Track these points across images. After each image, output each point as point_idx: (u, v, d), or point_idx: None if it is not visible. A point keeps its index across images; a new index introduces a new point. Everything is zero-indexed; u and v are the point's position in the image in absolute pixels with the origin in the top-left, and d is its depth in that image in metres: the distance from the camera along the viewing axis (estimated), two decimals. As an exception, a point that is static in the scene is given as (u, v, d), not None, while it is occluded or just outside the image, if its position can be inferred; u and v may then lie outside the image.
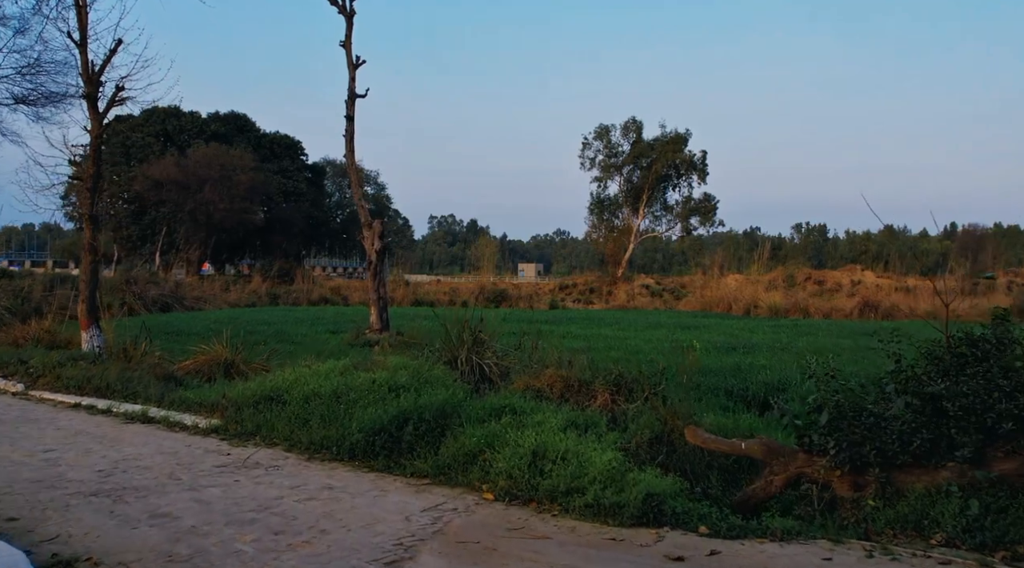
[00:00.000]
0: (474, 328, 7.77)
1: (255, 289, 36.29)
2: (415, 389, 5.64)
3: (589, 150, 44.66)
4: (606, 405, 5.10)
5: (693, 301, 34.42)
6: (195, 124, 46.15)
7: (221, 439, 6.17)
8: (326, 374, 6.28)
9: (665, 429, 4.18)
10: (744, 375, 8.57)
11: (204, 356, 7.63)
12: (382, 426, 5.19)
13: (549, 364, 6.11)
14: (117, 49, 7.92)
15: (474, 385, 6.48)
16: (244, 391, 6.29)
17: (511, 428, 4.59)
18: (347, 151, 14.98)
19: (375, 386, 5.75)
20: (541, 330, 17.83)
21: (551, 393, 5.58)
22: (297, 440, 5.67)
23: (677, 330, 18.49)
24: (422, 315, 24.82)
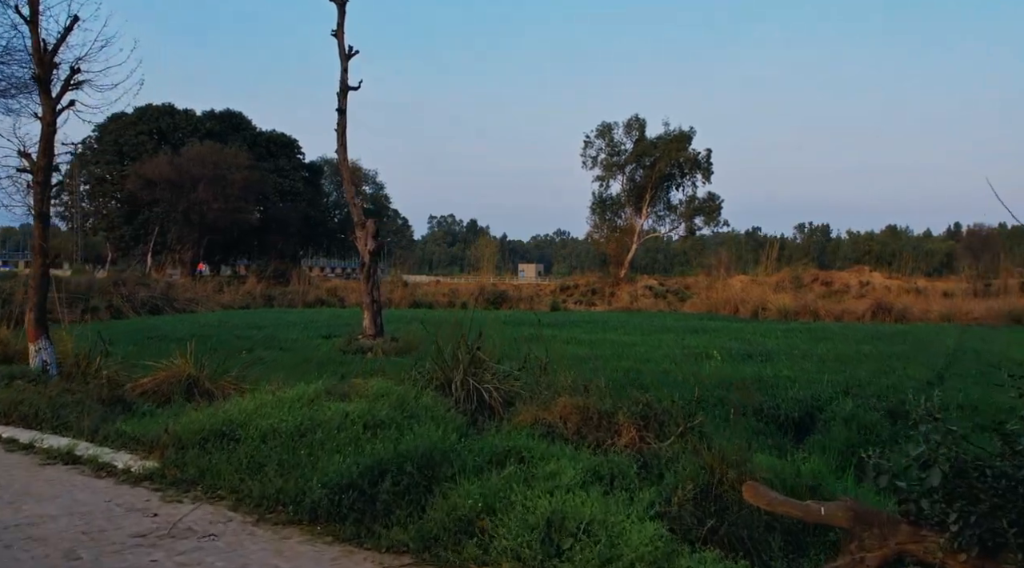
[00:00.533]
0: (471, 345, 7.02)
1: (250, 290, 35.50)
2: (397, 426, 4.68)
3: (591, 149, 43.91)
4: (632, 443, 4.24)
5: (698, 303, 33.62)
6: (189, 122, 45.37)
7: (153, 489, 5.04)
8: (291, 403, 5.18)
9: (712, 480, 3.38)
10: (771, 390, 7.77)
11: (164, 372, 6.70)
12: (351, 481, 4.09)
13: (561, 390, 5.17)
14: (72, 27, 7.14)
15: (471, 415, 5.58)
16: (191, 424, 5.12)
17: (517, 483, 3.62)
18: (339, 146, 14.19)
19: (348, 422, 4.72)
20: (544, 335, 17.08)
21: (565, 428, 4.64)
22: (247, 493, 4.57)
23: (686, 334, 17.70)
24: (419, 318, 24.04)
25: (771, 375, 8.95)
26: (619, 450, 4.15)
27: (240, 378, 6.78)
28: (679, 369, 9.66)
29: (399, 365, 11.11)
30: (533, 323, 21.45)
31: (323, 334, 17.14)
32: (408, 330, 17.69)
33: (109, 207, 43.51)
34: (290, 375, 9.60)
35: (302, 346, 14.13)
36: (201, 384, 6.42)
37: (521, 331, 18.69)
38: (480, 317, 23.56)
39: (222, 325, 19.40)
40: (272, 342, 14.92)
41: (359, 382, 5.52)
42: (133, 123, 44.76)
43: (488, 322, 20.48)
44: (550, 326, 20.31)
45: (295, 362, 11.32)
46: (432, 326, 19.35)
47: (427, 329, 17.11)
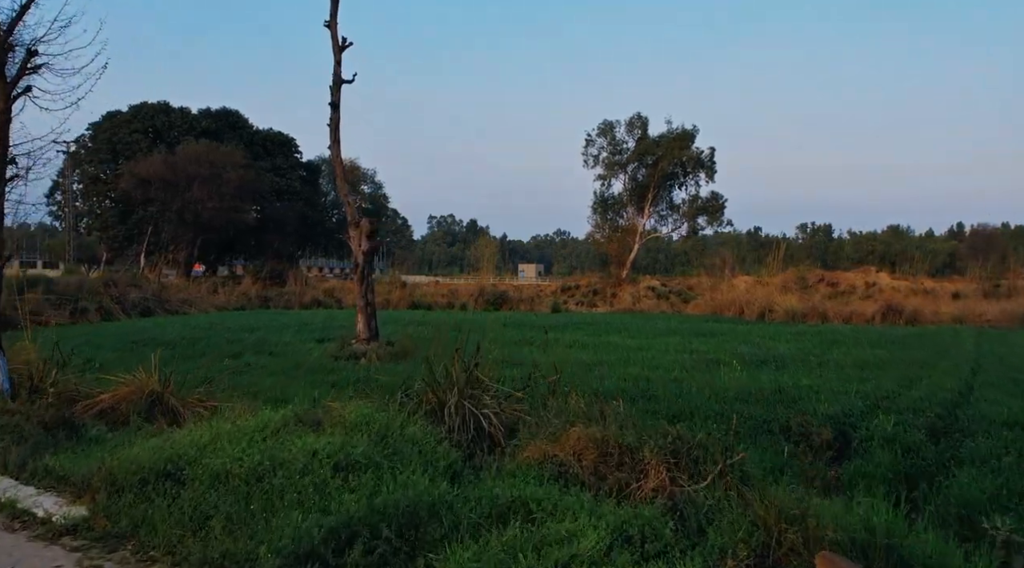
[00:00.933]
0: (468, 363, 6.03)
1: (245, 291, 34.89)
2: (375, 468, 3.82)
3: (592, 147, 43.27)
4: (663, 487, 3.61)
5: (702, 304, 33.03)
6: (185, 121, 44.75)
7: (73, 548, 4.03)
8: (252, 435, 4.35)
9: (769, 540, 2.78)
10: (794, 402, 7.17)
11: (125, 388, 6.01)
12: (312, 547, 3.24)
13: (573, 416, 4.47)
14: (30, 5, 6.55)
15: (467, 446, 4.82)
16: (131, 460, 4.18)
17: (524, 551, 2.85)
18: (332, 142, 13.60)
19: (315, 462, 3.85)
20: (546, 339, 16.48)
21: (580, 467, 3.91)
22: (185, 555, 3.67)
23: (692, 338, 17.10)
24: (417, 320, 23.44)
25: (791, 385, 8.35)
26: (647, 497, 3.50)
27: (210, 394, 6.11)
28: (691, 378, 9.07)
29: (392, 372, 10.53)
30: (534, 325, 20.87)
31: (316, 337, 16.56)
32: (405, 333, 17.12)
33: (103, 206, 42.89)
34: (277, 383, 9.02)
35: (293, 351, 13.53)
36: (165, 401, 5.72)
37: (522, 334, 18.13)
38: (480, 319, 23.01)
39: (213, 328, 18.80)
40: (263, 346, 14.33)
41: (335, 406, 4.86)
42: (127, 121, 44.16)
43: (488, 324, 19.91)
44: (552, 329, 19.73)
45: (284, 368, 10.74)
46: (430, 328, 18.78)
47: (430, 324, 16.54)
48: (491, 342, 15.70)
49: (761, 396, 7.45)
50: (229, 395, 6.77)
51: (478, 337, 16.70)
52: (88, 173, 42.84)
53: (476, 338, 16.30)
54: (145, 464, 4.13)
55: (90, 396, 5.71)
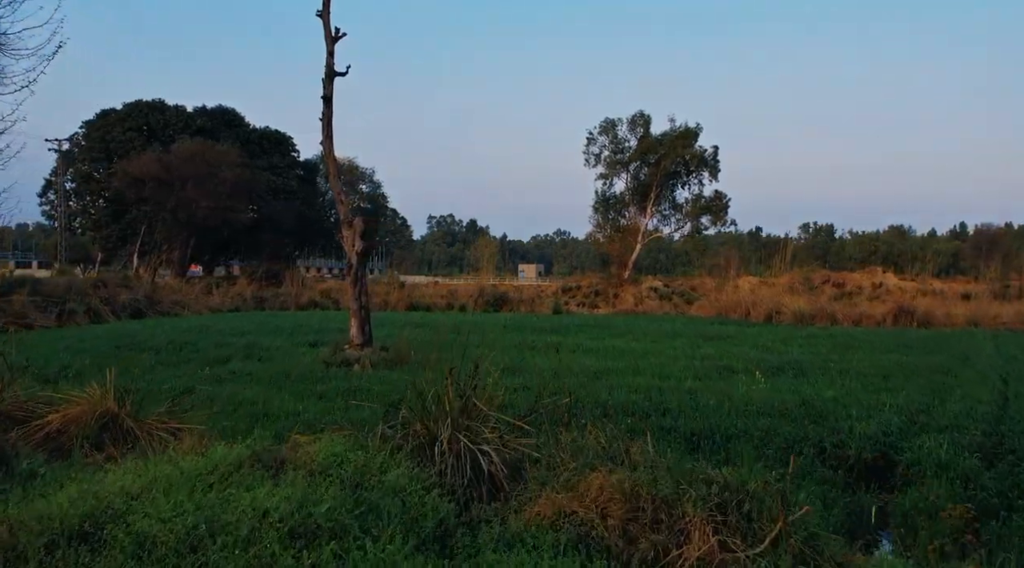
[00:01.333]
0: (464, 387, 5.11)
1: (240, 292, 34.29)
2: (341, 534, 3.00)
3: (594, 145, 42.64)
4: (711, 555, 2.92)
5: (707, 306, 32.42)
6: (180, 119, 44.13)
7: None
8: (196, 482, 3.51)
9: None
10: (822, 417, 6.57)
11: (76, 407, 5.32)
12: None
13: (594, 459, 3.69)
14: (-22, -21, 6.05)
15: (463, 493, 4.02)
16: (39, 517, 3.18)
17: None
18: (324, 137, 13.01)
19: (266, 526, 3.01)
20: (548, 343, 15.88)
21: (605, 528, 3.19)
22: None
23: (700, 341, 16.51)
24: (415, 322, 22.84)
25: (814, 396, 7.75)
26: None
27: (175, 413, 5.44)
28: (706, 388, 8.48)
29: (386, 381, 9.93)
30: (536, 328, 20.28)
31: (310, 341, 15.98)
32: (402, 336, 16.53)
33: (96, 206, 42.29)
34: (260, 394, 8.43)
35: (284, 356, 12.94)
36: (121, 423, 5.06)
37: (523, 337, 17.54)
38: (479, 321, 22.38)
39: (204, 331, 18.21)
40: (252, 351, 13.74)
41: (304, 441, 4.18)
42: (121, 119, 43.55)
43: (488, 327, 19.29)
44: (554, 332, 19.15)
45: (271, 376, 10.15)
46: (427, 331, 18.15)
47: (428, 326, 15.94)
48: (491, 346, 15.11)
49: (785, 410, 6.85)
50: (205, 410, 6.17)
51: (477, 340, 16.03)
52: (81, 172, 42.23)
53: (475, 341, 15.64)
54: (57, 520, 3.17)
55: (41, 416, 5.07)
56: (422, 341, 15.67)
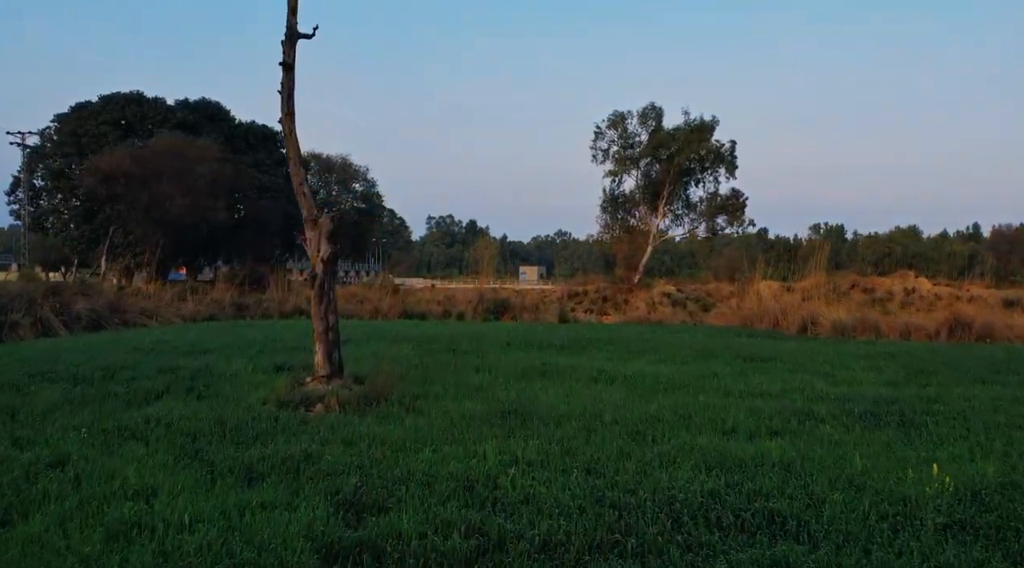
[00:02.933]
0: None
1: (218, 299, 31.81)
2: None
3: (602, 140, 40.14)
4: None
5: (728, 314, 29.93)
6: (159, 112, 41.68)
7: None
8: None
9: None
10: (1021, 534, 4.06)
11: None
12: None
13: None
14: None
15: None
16: None
17: None
18: (284, 113, 10.50)
19: None
20: (560, 366, 13.40)
21: None
22: None
23: (740, 363, 14.03)
24: (406, 335, 20.34)
25: (975, 480, 5.24)
26: None
27: None
28: (805, 456, 5.97)
29: (354, 437, 7.41)
30: (543, 344, 17.77)
31: (278, 363, 13.49)
32: (385, 356, 14.05)
33: (69, 205, 39.84)
34: (149, 469, 5.93)
35: (233, 389, 10.43)
36: None
37: (530, 358, 15.05)
38: (478, 333, 19.63)
39: (156, 349, 15.70)
40: (198, 380, 11.26)
41: None
42: (96, 113, 41.13)
43: (488, 342, 16.63)
44: (565, 349, 16.65)
45: (195, 428, 7.65)
46: (418, 349, 15.60)
47: (420, 342, 13.45)
48: (492, 371, 12.56)
49: (968, 522, 4.32)
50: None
51: (475, 363, 13.31)
52: (52, 168, 39.78)
53: (473, 364, 12.92)
54: None
55: None
56: (410, 365, 13.20)
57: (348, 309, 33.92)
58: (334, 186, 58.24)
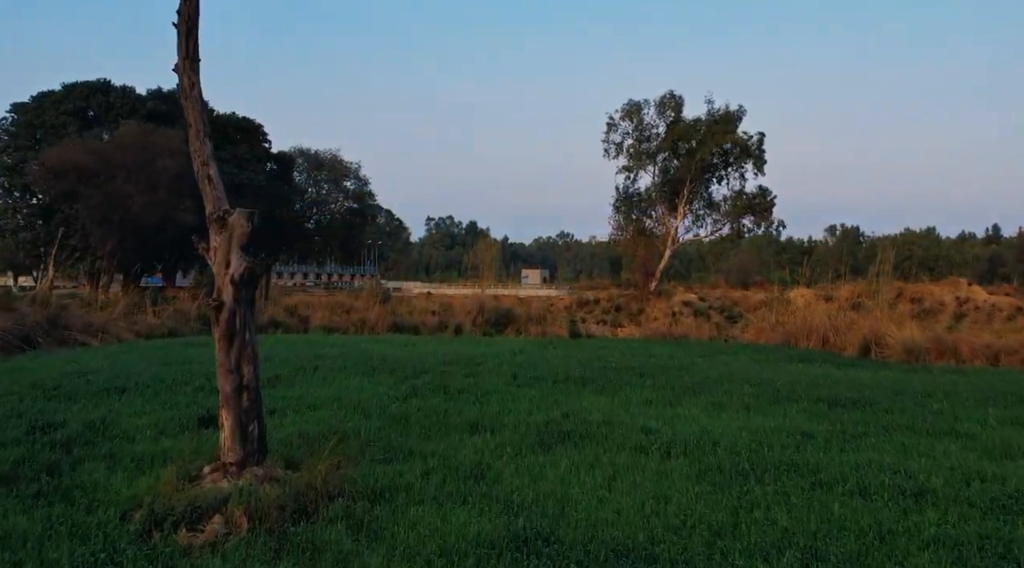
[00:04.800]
0: None
1: (183, 310, 28.45)
2: None
3: (615, 133, 36.66)
4: None
5: (766, 329, 26.48)
6: (127, 102, 38.37)
7: None
8: None
9: None
10: None
11: None
12: None
13: None
14: None
15: None
16: None
17: None
18: (181, 58, 7.07)
19: None
20: (590, 421, 10.03)
21: None
22: None
23: (827, 411, 10.73)
24: (390, 360, 16.89)
25: None
26: None
27: None
28: None
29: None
30: (557, 375, 14.38)
31: (210, 409, 10.14)
32: (347, 405, 10.76)
33: (25, 202, 36.51)
34: None
35: (109, 471, 7.10)
36: None
37: (545, 400, 11.65)
38: (478, 357, 16.03)
39: (63, 386, 12.32)
40: (76, 447, 8.05)
41: None
42: (57, 102, 37.86)
43: (490, 373, 13.10)
44: (587, 385, 13.26)
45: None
46: (397, 387, 12.24)
47: (382, 404, 10.21)
48: (497, 433, 9.21)
49: None
50: None
51: (474, 413, 9.98)
52: (5, 164, 36.47)
53: (471, 415, 9.57)
54: None
55: None
56: (382, 417, 9.83)
57: (332, 322, 30.60)
58: (323, 184, 54.88)
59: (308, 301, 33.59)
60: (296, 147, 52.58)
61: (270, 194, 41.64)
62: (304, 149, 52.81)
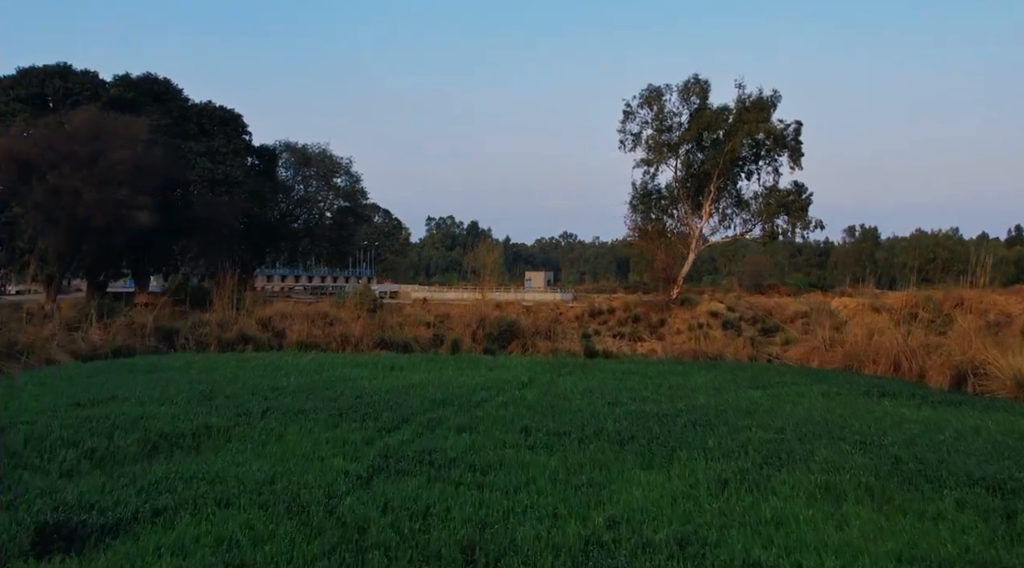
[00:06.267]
0: None
1: (141, 322, 24.93)
2: None
3: (632, 122, 33.09)
4: None
5: (818, 349, 22.81)
6: (87, 87, 34.86)
7: None
8: None
9: None
10: None
11: None
12: None
13: None
14: None
15: None
16: None
17: None
18: None
19: None
20: (641, 517, 6.61)
21: None
22: None
23: (998, 500, 7.24)
24: (361, 404, 13.37)
25: None
26: None
27: None
28: None
29: None
30: (584, 429, 10.87)
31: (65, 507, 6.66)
32: (275, 505, 7.27)
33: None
34: None
35: None
36: None
37: (569, 468, 8.14)
38: (477, 390, 12.59)
39: None
40: None
41: None
42: (8, 88, 34.35)
43: (492, 427, 9.67)
44: (626, 446, 9.77)
45: None
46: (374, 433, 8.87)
47: (330, 489, 6.49)
48: None
49: None
50: None
51: (472, 514, 6.06)
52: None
53: (466, 514, 5.29)
54: None
55: None
56: (318, 542, 6.29)
57: (310, 336, 26.98)
58: (314, 181, 51.27)
59: (287, 311, 30.01)
60: (281, 141, 49.09)
61: (249, 191, 38.15)
62: (290, 143, 49.23)
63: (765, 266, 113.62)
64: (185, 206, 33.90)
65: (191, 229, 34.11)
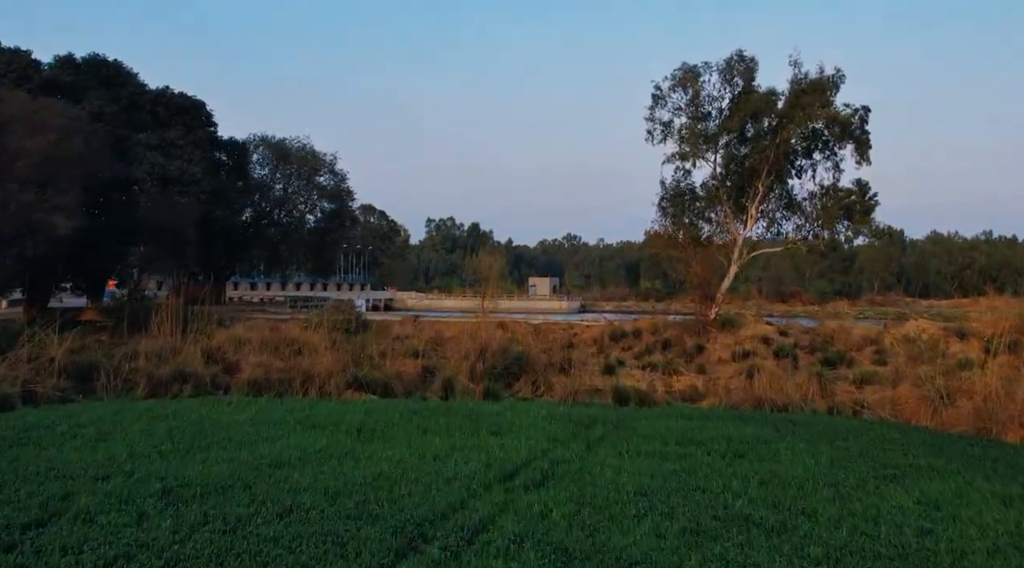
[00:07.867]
0: None
1: (48, 354, 19.90)
2: None
3: (663, 108, 28.09)
4: None
5: (932, 401, 17.54)
6: (16, 68, 30.02)
7: None
8: None
9: None
10: None
11: None
12: None
13: None
14: None
15: None
16: None
17: None
18: None
19: None
20: None
21: None
22: None
23: None
24: (288, 520, 8.42)
25: None
26: None
27: None
28: None
29: None
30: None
31: None
32: None
33: None
34: None
35: None
36: None
37: None
38: (469, 498, 6.85)
39: None
40: None
41: None
42: (-81, 67, 29.56)
43: None
44: None
45: None
46: None
47: None
48: None
49: None
50: None
51: None
52: None
53: None
54: None
55: None
56: None
57: (268, 372, 21.73)
58: (294, 181, 46.33)
59: (244, 336, 24.94)
60: (256, 133, 44.21)
61: (210, 191, 33.21)
62: (266, 137, 44.40)
63: (786, 272, 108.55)
64: (129, 208, 28.92)
65: (136, 234, 29.13)
